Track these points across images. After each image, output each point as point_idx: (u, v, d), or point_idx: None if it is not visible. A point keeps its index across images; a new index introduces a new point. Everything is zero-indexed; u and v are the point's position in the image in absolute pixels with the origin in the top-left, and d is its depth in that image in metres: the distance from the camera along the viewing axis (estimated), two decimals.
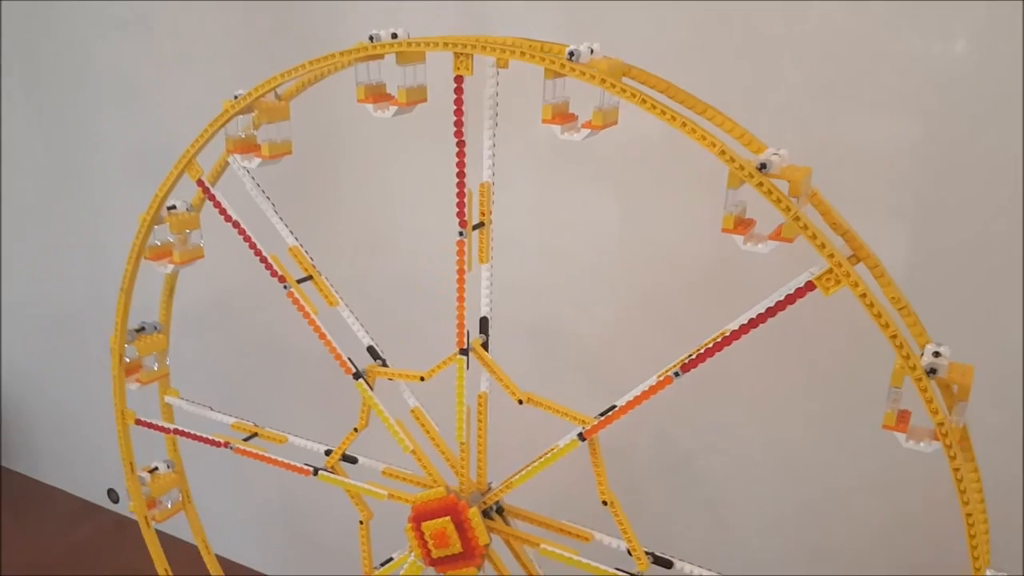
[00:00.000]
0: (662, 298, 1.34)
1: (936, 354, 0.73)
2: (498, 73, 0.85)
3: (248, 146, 0.98)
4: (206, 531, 1.33)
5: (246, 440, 1.14)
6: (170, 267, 1.10)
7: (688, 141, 0.74)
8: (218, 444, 1.13)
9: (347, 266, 1.59)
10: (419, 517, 0.96)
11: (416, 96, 0.90)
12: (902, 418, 0.75)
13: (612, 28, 1.25)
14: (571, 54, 0.77)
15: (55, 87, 1.89)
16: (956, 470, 0.72)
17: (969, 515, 0.73)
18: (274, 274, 1.02)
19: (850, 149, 1.16)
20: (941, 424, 0.71)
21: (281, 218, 1.04)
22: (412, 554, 0.98)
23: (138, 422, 1.19)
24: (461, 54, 0.82)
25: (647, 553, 0.92)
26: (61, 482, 2.39)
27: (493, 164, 0.90)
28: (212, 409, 1.18)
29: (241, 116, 0.96)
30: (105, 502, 2.29)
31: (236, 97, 0.95)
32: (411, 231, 1.55)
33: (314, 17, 1.49)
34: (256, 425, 1.15)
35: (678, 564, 0.92)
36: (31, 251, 2.14)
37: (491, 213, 0.92)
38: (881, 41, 1.11)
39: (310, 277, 1.05)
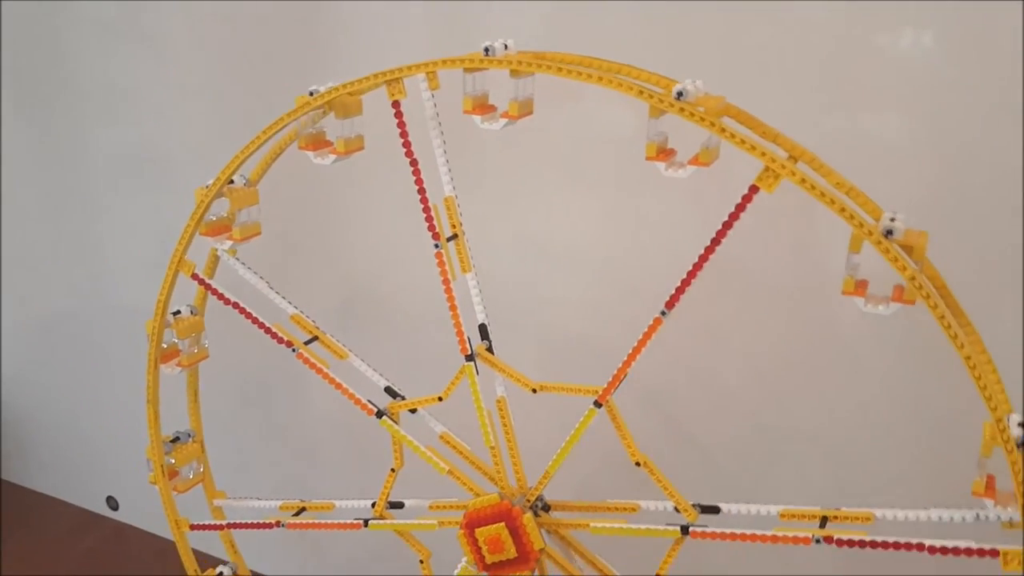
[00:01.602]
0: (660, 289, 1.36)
1: (892, 219, 0.77)
2: (433, 96, 0.93)
3: (220, 228, 1.05)
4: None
5: (295, 516, 1.17)
6: (177, 369, 1.16)
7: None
8: (270, 526, 1.16)
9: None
10: (472, 523, 0.97)
11: (354, 145, 0.99)
12: (860, 285, 0.78)
13: (597, 29, 1.25)
14: (486, 50, 0.85)
15: (48, 93, 1.87)
16: (942, 317, 0.74)
17: (968, 358, 0.74)
18: (280, 341, 1.07)
19: (842, 148, 1.14)
20: (913, 278, 0.74)
21: (277, 292, 1.10)
22: (464, 559, 0.99)
23: (192, 527, 1.23)
24: (391, 80, 0.90)
25: (693, 505, 0.94)
26: (60, 492, 2.32)
27: (452, 179, 0.96)
28: (259, 499, 1.22)
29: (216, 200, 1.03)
30: (105, 510, 2.22)
31: (207, 186, 1.03)
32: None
33: (306, 14, 1.48)
34: (301, 500, 1.18)
35: (725, 507, 0.93)
36: (28, 258, 2.10)
37: (461, 225, 0.98)
38: (873, 39, 1.10)
39: (316, 338, 1.10)
